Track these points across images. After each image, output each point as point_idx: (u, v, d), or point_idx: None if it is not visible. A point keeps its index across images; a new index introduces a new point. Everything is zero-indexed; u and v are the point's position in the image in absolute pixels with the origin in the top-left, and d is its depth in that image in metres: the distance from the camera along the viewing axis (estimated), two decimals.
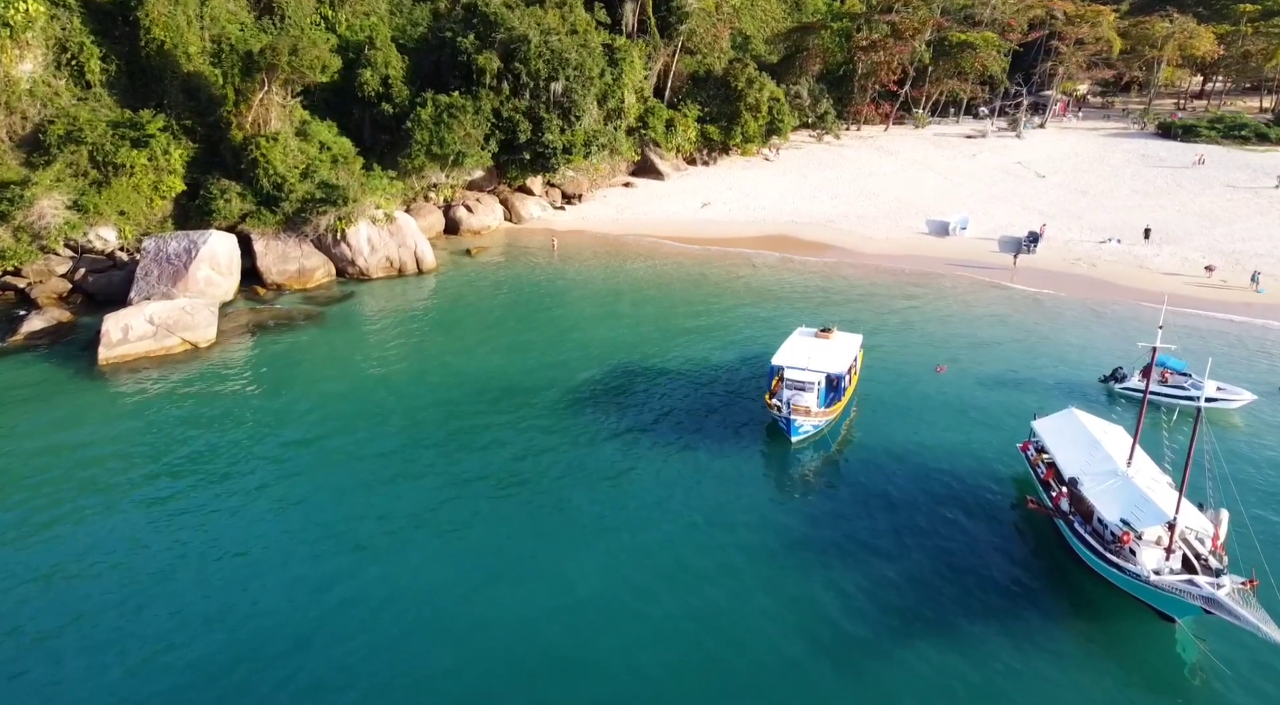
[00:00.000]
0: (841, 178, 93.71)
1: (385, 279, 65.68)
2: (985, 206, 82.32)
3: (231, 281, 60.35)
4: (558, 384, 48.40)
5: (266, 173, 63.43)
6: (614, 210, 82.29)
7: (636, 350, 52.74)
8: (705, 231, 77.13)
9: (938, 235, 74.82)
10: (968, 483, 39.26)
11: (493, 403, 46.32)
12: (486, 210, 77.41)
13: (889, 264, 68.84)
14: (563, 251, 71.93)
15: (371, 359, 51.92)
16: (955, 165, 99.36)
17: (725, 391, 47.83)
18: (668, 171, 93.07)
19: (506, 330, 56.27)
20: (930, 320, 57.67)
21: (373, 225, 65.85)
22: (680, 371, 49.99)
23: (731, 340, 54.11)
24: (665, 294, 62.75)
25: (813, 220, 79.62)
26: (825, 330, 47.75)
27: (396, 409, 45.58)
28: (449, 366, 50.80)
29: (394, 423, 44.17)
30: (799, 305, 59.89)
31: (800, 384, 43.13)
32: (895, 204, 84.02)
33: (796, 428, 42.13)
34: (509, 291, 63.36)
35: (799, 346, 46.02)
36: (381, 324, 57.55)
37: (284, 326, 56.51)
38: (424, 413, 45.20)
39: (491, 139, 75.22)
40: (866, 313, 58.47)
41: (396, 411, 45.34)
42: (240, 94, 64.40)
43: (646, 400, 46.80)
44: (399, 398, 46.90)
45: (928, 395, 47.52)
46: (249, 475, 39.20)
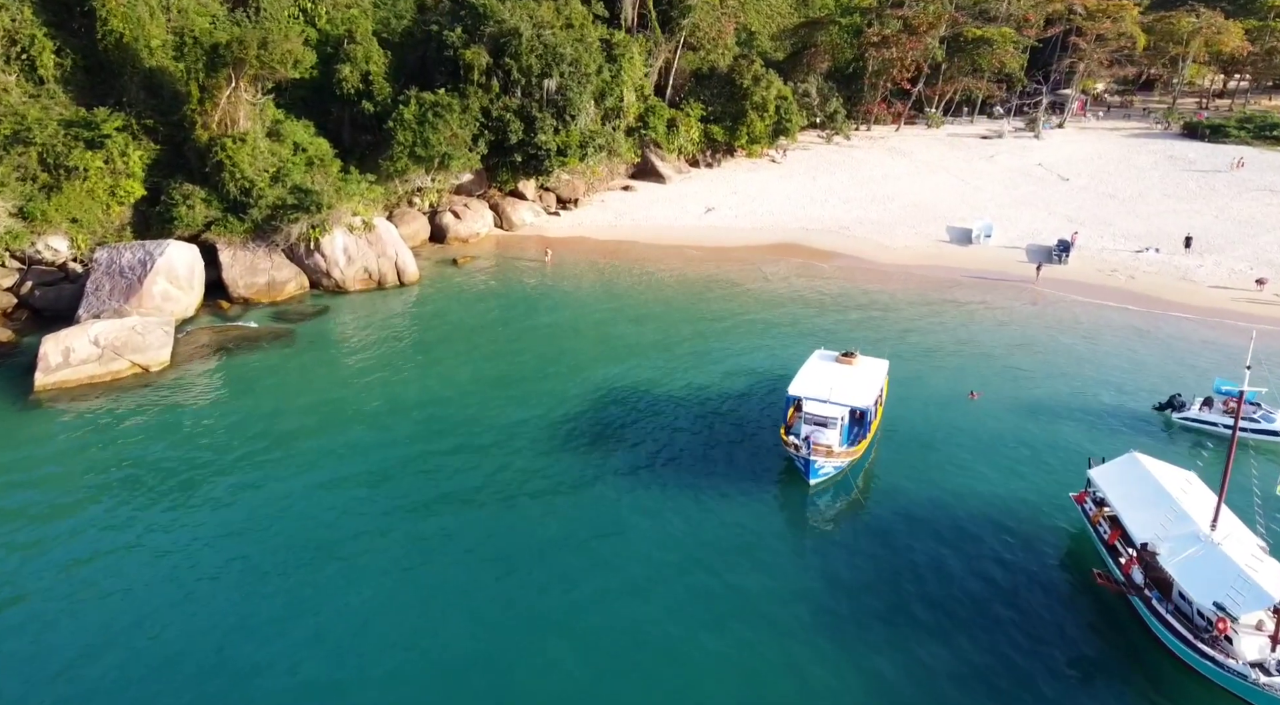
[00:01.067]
0: (853, 180, 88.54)
1: (363, 292, 60.50)
2: (1008, 212, 77.17)
3: (192, 296, 55.20)
4: (547, 415, 43.29)
5: (233, 176, 58.27)
6: (612, 216, 77.15)
7: (636, 374, 47.60)
8: (710, 239, 71.96)
9: (960, 243, 69.66)
10: (1014, 537, 34.11)
11: (474, 439, 41.21)
12: (475, 216, 72.26)
13: (909, 275, 63.65)
14: (557, 261, 66.80)
15: (342, 385, 46.77)
16: (972, 167, 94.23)
17: (734, 423, 42.68)
18: (669, 174, 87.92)
19: (493, 352, 51.13)
20: (958, 339, 52.50)
21: (349, 234, 60.72)
22: (684, 399, 44.85)
23: (741, 363, 48.94)
24: (667, 310, 57.59)
25: (824, 226, 74.45)
26: (848, 355, 42.56)
27: (366, 447, 40.46)
28: (428, 395, 45.66)
29: (362, 464, 39.03)
30: (815, 323, 54.71)
31: (821, 419, 37.99)
32: (912, 209, 78.85)
33: (816, 470, 37.00)
34: (497, 306, 58.22)
35: (819, 374, 40.86)
36: (356, 344, 52.40)
37: (248, 347, 51.36)
38: (397, 452, 40.09)
39: (480, 140, 70.05)
40: (888, 331, 53.30)
41: (366, 450, 40.22)
42: (205, 91, 59.20)
43: (646, 434, 41.67)
44: (370, 431, 41.78)
45: (960, 427, 42.39)
46: (188, 533, 34.04)
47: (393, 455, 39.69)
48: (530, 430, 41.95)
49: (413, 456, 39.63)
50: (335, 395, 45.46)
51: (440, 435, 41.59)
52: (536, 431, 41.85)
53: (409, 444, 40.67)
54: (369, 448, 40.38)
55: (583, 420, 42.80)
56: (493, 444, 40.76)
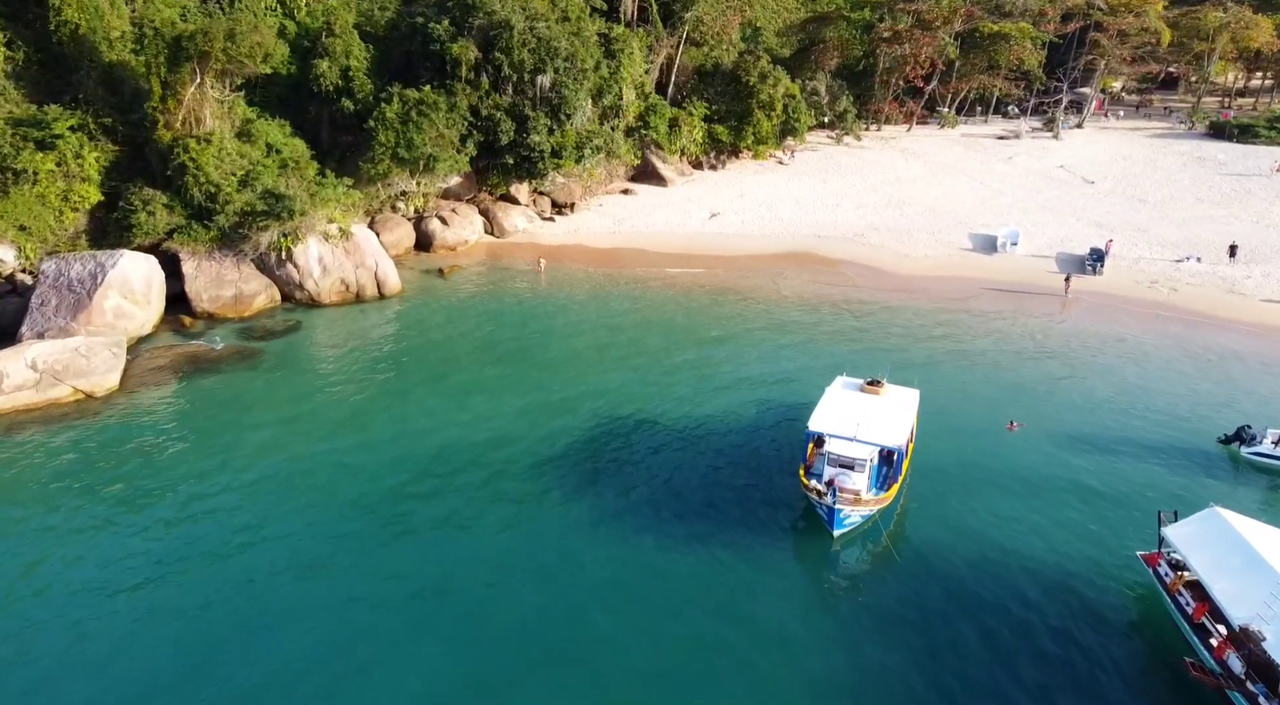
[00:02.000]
0: (866, 184, 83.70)
1: (340, 305, 55.70)
2: (1032, 217, 72.32)
3: (150, 312, 50.45)
4: (535, 450, 38.51)
5: (197, 180, 53.53)
6: (611, 221, 72.33)
7: (635, 402, 42.78)
8: (715, 247, 67.13)
9: (984, 252, 64.81)
10: (1074, 606, 29.31)
11: (452, 479, 36.44)
12: (464, 222, 67.47)
13: (931, 287, 58.79)
14: (551, 271, 61.99)
15: (310, 414, 41.99)
16: (990, 169, 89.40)
17: (745, 461, 37.87)
18: (671, 177, 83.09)
19: (478, 376, 46.32)
20: (990, 361, 47.67)
21: (325, 242, 55.94)
22: (688, 432, 40.05)
23: (751, 390, 44.10)
24: (669, 327, 52.77)
25: (838, 233, 69.61)
26: (874, 383, 37.69)
27: (332, 488, 35.73)
28: (404, 425, 40.88)
29: (326, 508, 34.31)
30: (831, 343, 49.85)
31: (847, 460, 33.17)
32: (930, 214, 74.01)
33: (841, 519, 32.22)
34: (484, 322, 53.40)
35: (842, 406, 36.00)
36: (327, 365, 47.63)
37: (209, 368, 46.62)
38: (367, 491, 35.41)
39: (469, 140, 65.26)
40: (912, 352, 48.47)
41: (331, 490, 35.51)
42: (168, 87, 54.44)
43: (645, 474, 36.87)
44: (337, 471, 37.01)
45: (1001, 465, 37.56)
46: (106, 600, 29.27)
47: (358, 501, 34.91)
48: (516, 469, 37.20)
49: (380, 503, 34.84)
50: (300, 426, 40.68)
51: (413, 475, 36.80)
52: (523, 469, 37.10)
53: (377, 486, 35.87)
54: (332, 491, 35.64)
55: (575, 457, 38.03)
56: (473, 485, 36.01)
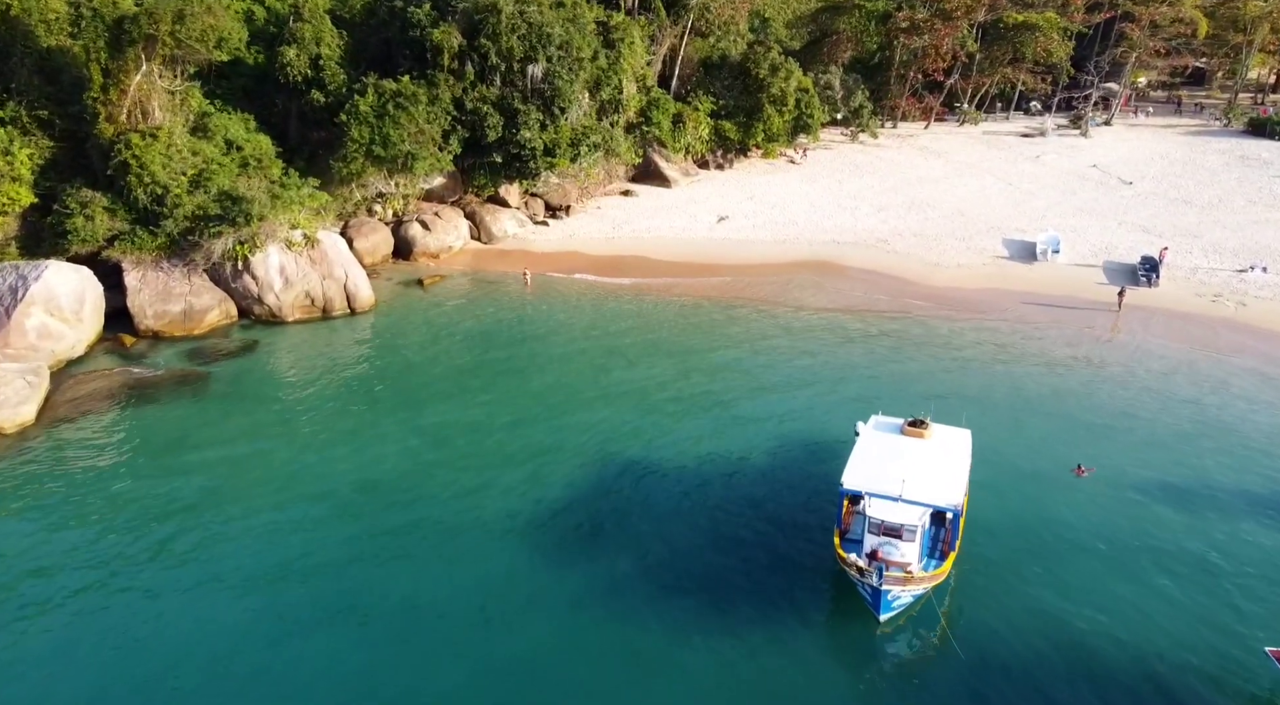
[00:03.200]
0: (885, 185, 77.51)
1: (304, 322, 49.67)
2: (1071, 221, 66.14)
3: (82, 331, 44.43)
4: (519, 502, 32.47)
5: (140, 180, 47.47)
6: (609, 226, 66.17)
7: (635, 440, 36.67)
8: (725, 254, 60.97)
9: (1022, 260, 58.62)
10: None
11: (420, 535, 30.52)
12: (447, 227, 61.31)
13: (967, 302, 52.58)
14: (544, 283, 55.84)
15: (259, 456, 36.00)
16: (1017, 169, 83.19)
17: (764, 517, 31.79)
18: (675, 177, 76.89)
19: (459, 406, 40.25)
20: (1043, 388, 41.54)
21: (287, 250, 49.86)
22: (696, 478, 33.95)
23: (769, 425, 37.95)
24: (675, 349, 46.64)
25: (858, 239, 63.45)
26: (917, 424, 31.51)
27: (274, 542, 29.76)
28: (367, 466, 34.97)
29: (263, 569, 28.25)
30: (863, 369, 43.71)
31: (893, 527, 27.02)
32: (957, 217, 67.84)
33: (888, 602, 26.06)
34: (469, 342, 47.30)
35: (882, 455, 29.86)
36: (287, 393, 41.65)
37: (148, 397, 40.66)
38: (311, 553, 29.38)
39: (452, 137, 59.14)
40: (953, 376, 42.39)
41: (272, 546, 29.53)
42: (110, 75, 48.38)
43: (645, 532, 30.84)
44: (281, 520, 31.06)
45: (1074, 520, 31.46)
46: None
47: (303, 559, 28.89)
48: (493, 524, 31.18)
49: (337, 566, 28.81)
50: (247, 472, 34.66)
51: (373, 528, 30.82)
52: (500, 526, 31.07)
53: (333, 553, 29.79)
54: (276, 544, 29.67)
55: (561, 512, 31.95)
56: (443, 539, 30.05)
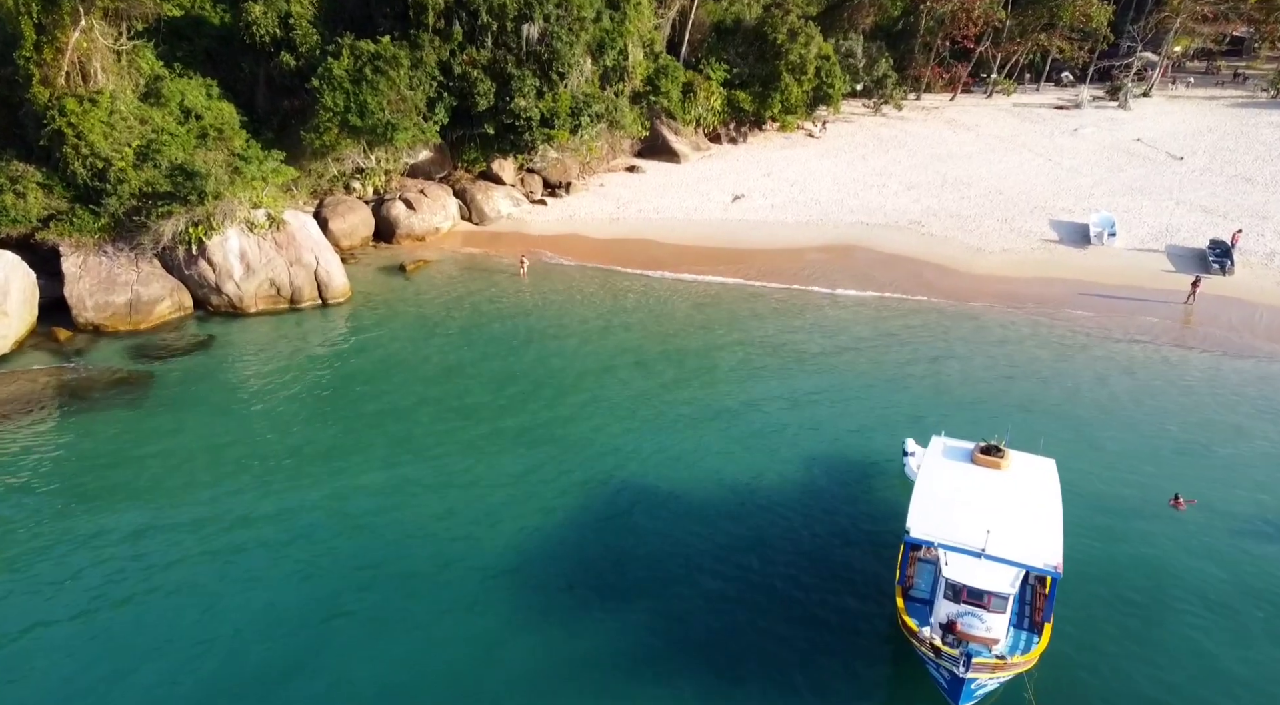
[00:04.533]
0: (913, 161, 71.31)
1: (269, 314, 44.01)
2: (1121, 201, 60.00)
3: (9, 325, 38.83)
4: (514, 541, 26.82)
5: (78, 152, 41.60)
6: (614, 206, 60.14)
7: (639, 466, 30.94)
8: (742, 237, 55.00)
9: (1074, 244, 52.58)
10: None
11: (385, 587, 24.81)
12: (434, 206, 55.31)
13: (1017, 292, 46.61)
14: (541, 271, 49.98)
15: (208, 479, 30.36)
16: (1055, 144, 76.90)
17: (802, 563, 26.11)
18: (685, 152, 70.75)
19: (434, 421, 34.48)
20: (1116, 399, 35.69)
21: (248, 233, 44.01)
22: (720, 514, 28.27)
23: (805, 446, 32.13)
24: (691, 350, 40.80)
25: (889, 220, 57.39)
26: (992, 451, 25.68)
27: (226, 609, 24.19)
28: (340, 499, 29.31)
29: (211, 644, 22.72)
30: (909, 375, 37.78)
31: (976, 594, 21.29)
32: (996, 196, 61.74)
33: (971, 691, 20.37)
34: (455, 341, 41.53)
35: (952, 491, 24.09)
36: (242, 400, 35.99)
37: (78, 403, 35.04)
38: (275, 609, 23.83)
39: (438, 105, 53.06)
40: (1016, 381, 36.56)
41: (224, 614, 23.99)
42: (43, 31, 42.30)
43: (656, 586, 25.20)
44: (235, 583, 25.43)
45: (1179, 567, 25.81)
46: None
47: (257, 623, 23.27)
48: (485, 572, 25.59)
49: (294, 632, 23.21)
50: (182, 505, 28.98)
51: (345, 582, 25.18)
52: (495, 574, 25.48)
53: (281, 613, 24.19)
54: (224, 602, 24.13)
55: (565, 556, 26.35)
56: (426, 594, 24.38)
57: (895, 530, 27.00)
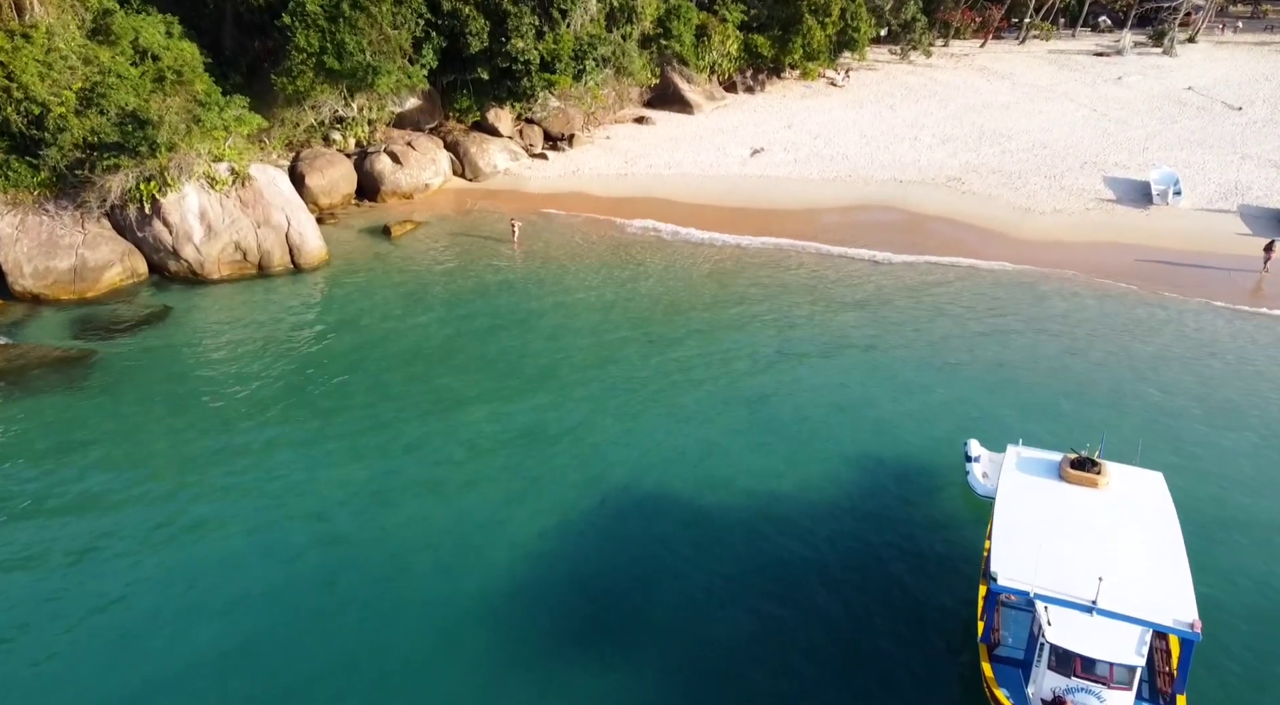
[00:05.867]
0: (946, 112, 65.64)
1: (233, 280, 39.26)
2: (1179, 155, 54.48)
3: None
4: (496, 566, 22.19)
5: (10, 96, 36.41)
6: (621, 160, 54.82)
7: (661, 469, 26.24)
8: (762, 195, 49.78)
9: (1133, 204, 47.27)
10: None
11: (380, 619, 20.23)
12: (423, 161, 50.09)
13: (1074, 259, 41.40)
14: (541, 234, 45.00)
15: (154, 482, 25.82)
16: (1098, 93, 71.03)
17: (854, 599, 21.48)
18: (698, 102, 65.24)
19: (427, 407, 29.76)
20: (1220, 386, 30.68)
21: (209, 190, 38.99)
22: (749, 534, 23.59)
23: (849, 448, 27.31)
24: (710, 327, 35.88)
25: (925, 177, 52.03)
26: (1086, 464, 20.87)
27: (173, 648, 19.63)
28: (310, 507, 24.72)
29: (151, 688, 18.30)
30: (967, 363, 32.66)
31: (1094, 666, 16.62)
32: (1041, 151, 56.24)
33: None
34: (442, 314, 36.72)
35: (1043, 519, 19.34)
36: (200, 381, 31.49)
37: (8, 386, 30.60)
38: (229, 652, 19.21)
39: (426, 46, 47.59)
40: (1090, 368, 31.63)
41: (171, 653, 19.44)
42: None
43: (680, 620, 20.60)
44: (183, 614, 20.92)
45: None
46: None
47: (210, 665, 18.77)
48: (461, 603, 21.03)
49: (230, 668, 18.73)
50: (132, 506, 24.51)
51: (306, 608, 20.63)
52: (472, 603, 20.93)
53: (227, 619, 19.72)
54: (168, 639, 19.65)
55: (557, 584, 21.76)
56: (410, 626, 19.85)
57: (965, 554, 22.45)
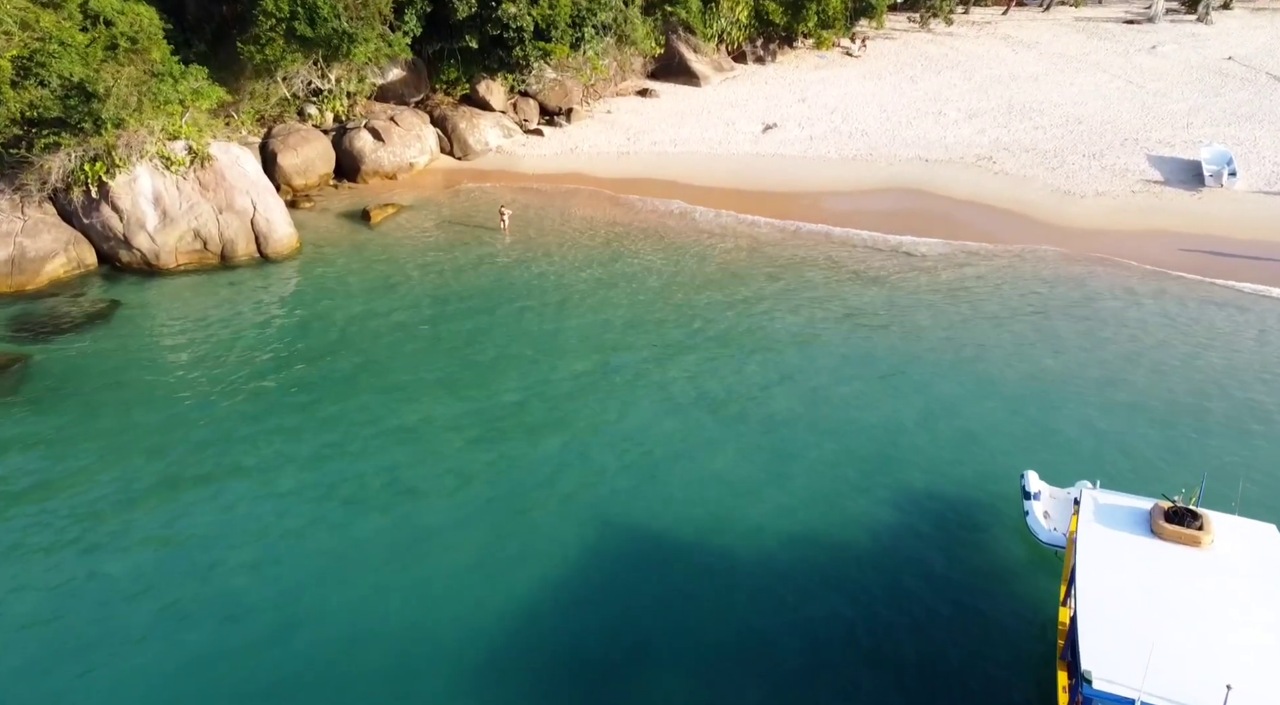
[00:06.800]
0: (970, 84, 61.35)
1: (192, 271, 35.50)
2: (1228, 131, 50.29)
3: None
4: (483, 619, 18.57)
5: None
6: (623, 137, 50.72)
7: (658, 519, 22.53)
8: (777, 176, 45.79)
9: (1184, 186, 43.22)
10: None
11: (342, 681, 16.79)
12: (408, 138, 46.04)
13: (1121, 249, 37.50)
14: (534, 221, 41.11)
15: (81, 513, 22.17)
16: (1132, 63, 66.61)
17: (886, 675, 17.89)
18: (706, 73, 60.94)
19: (404, 425, 26.07)
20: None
21: (164, 171, 35.09)
22: (765, 607, 19.92)
23: (880, 476, 23.59)
24: (721, 333, 32.07)
25: (953, 156, 47.95)
26: (1184, 517, 17.15)
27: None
28: (267, 547, 21.11)
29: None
30: (1026, 385, 28.88)
31: None
32: (1076, 127, 52.08)
33: None
34: (421, 315, 32.93)
35: (1144, 599, 15.60)
36: (149, 390, 27.74)
37: None
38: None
39: (409, 11, 43.43)
40: (1170, 394, 27.80)
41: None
42: None
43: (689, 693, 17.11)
44: (117, 674, 17.27)
45: None
46: None
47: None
48: (444, 664, 17.46)
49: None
50: (64, 540, 20.86)
51: (260, 668, 17.17)
52: (457, 665, 17.36)
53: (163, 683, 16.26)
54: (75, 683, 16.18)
55: (563, 645, 18.14)
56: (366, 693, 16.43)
57: (1028, 619, 18.82)
